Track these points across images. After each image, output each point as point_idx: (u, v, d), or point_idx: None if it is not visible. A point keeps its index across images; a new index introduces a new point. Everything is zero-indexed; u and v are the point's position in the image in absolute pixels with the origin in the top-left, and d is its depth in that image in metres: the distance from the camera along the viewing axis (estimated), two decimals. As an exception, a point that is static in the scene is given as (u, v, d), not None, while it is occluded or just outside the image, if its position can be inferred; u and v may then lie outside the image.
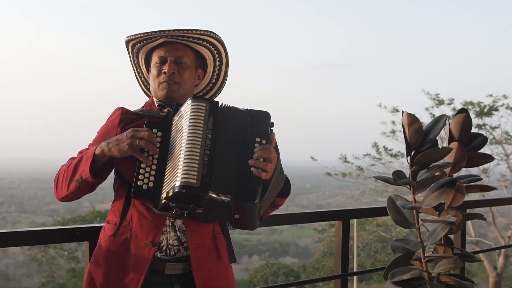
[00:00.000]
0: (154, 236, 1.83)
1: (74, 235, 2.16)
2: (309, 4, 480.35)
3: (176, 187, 1.66)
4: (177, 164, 1.70)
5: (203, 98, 1.82)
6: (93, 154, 1.79)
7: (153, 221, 1.83)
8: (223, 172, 1.71)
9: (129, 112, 1.94)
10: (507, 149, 17.52)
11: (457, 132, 2.16)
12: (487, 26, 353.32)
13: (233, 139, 1.76)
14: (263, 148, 1.74)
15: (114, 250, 1.85)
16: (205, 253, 1.88)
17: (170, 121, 1.83)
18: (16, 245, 2.32)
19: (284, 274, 21.84)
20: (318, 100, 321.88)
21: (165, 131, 1.81)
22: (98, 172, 1.82)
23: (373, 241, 20.54)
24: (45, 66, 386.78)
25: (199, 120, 1.73)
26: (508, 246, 14.56)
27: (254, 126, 1.77)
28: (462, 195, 2.11)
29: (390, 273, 2.09)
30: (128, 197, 1.85)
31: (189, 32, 1.91)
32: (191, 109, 1.74)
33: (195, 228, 1.87)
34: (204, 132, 1.72)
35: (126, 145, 1.74)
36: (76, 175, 1.80)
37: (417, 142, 2.11)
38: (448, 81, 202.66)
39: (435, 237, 2.07)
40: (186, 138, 1.71)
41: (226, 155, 1.73)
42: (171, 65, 1.91)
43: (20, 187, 62.69)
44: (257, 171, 1.71)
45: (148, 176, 1.75)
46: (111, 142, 1.78)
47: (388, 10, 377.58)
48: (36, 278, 21.59)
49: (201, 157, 1.68)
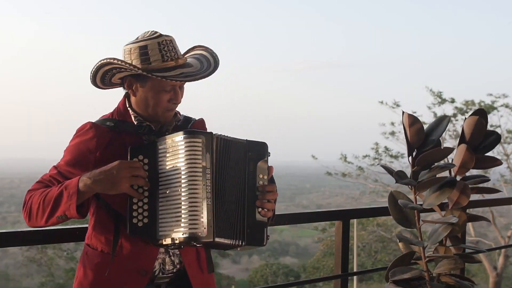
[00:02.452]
0: (147, 264, 1.77)
1: (74, 235, 2.15)
2: (309, 4, 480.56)
3: (182, 238, 1.63)
4: (179, 209, 1.64)
5: (196, 131, 1.70)
6: (77, 191, 1.66)
7: (146, 250, 1.76)
8: (228, 215, 1.69)
9: (103, 129, 1.78)
10: (507, 149, 17.54)
11: (469, 133, 2.14)
12: (487, 26, 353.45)
13: (235, 176, 1.71)
14: (269, 189, 1.74)
15: (104, 281, 1.76)
16: (195, 268, 1.86)
17: (155, 145, 1.73)
18: (16, 245, 2.32)
19: (284, 274, 21.85)
20: (318, 100, 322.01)
21: (151, 157, 1.72)
22: (83, 206, 1.72)
23: (373, 241, 20.56)
24: (45, 66, 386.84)
25: (196, 159, 1.64)
26: (508, 246, 14.55)
27: (254, 160, 1.74)
28: (466, 196, 2.11)
29: (391, 272, 2.09)
30: (116, 227, 1.76)
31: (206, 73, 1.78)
32: (186, 146, 1.65)
33: (186, 249, 1.84)
34: (203, 172, 1.64)
35: (118, 184, 1.64)
36: (58, 212, 1.68)
37: (419, 143, 2.11)
38: (448, 81, 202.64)
39: (437, 238, 2.07)
40: (185, 180, 1.64)
41: (229, 194, 1.70)
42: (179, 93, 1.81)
43: (20, 187, 62.58)
44: (264, 212, 1.73)
45: (141, 212, 1.70)
46: (98, 180, 1.65)
47: (388, 10, 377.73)
48: (36, 278, 21.58)
49: (204, 202, 1.63)
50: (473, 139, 2.14)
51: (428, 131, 2.14)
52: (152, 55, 1.73)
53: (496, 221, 17.55)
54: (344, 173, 18.92)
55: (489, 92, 17.17)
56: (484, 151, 2.17)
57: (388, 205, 2.20)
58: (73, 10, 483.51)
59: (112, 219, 1.77)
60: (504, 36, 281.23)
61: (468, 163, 2.11)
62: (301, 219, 3.07)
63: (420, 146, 2.12)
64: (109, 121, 1.82)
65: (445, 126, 2.12)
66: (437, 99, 17.46)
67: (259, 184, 1.74)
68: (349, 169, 18.86)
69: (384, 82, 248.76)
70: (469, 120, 2.15)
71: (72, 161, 1.79)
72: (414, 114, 2.16)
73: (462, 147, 2.11)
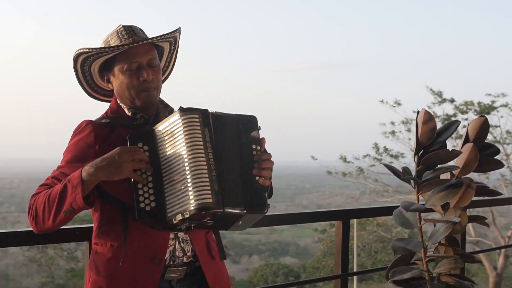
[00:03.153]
0: (160, 253, 1.77)
1: (74, 235, 2.15)
2: (309, 4, 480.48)
3: (192, 209, 1.63)
4: (185, 184, 1.65)
5: (191, 108, 1.70)
6: (81, 181, 1.64)
7: (157, 238, 1.78)
8: (230, 184, 1.70)
9: (100, 125, 1.82)
10: (507, 149, 17.54)
11: (473, 135, 2.16)
12: (487, 26, 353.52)
13: (231, 149, 1.74)
14: (265, 158, 1.74)
15: (118, 274, 1.76)
16: (206, 255, 1.88)
17: (152, 132, 1.76)
18: (16, 245, 2.31)
19: (284, 274, 21.84)
20: (318, 100, 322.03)
21: (150, 144, 1.75)
22: (88, 197, 1.70)
23: (373, 241, 20.54)
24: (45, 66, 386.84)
25: (196, 133, 1.67)
26: (508, 246, 14.56)
27: (247, 133, 1.76)
28: (470, 195, 2.11)
29: (391, 272, 2.09)
30: (124, 217, 1.76)
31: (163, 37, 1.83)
32: (184, 123, 1.67)
33: (196, 235, 1.85)
34: (204, 145, 1.67)
35: (120, 168, 1.64)
36: (65, 206, 1.65)
37: (429, 141, 2.12)
38: (448, 81, 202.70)
39: (437, 238, 2.07)
40: (188, 156, 1.65)
41: (229, 166, 1.72)
42: (150, 71, 1.80)
43: (20, 187, 62.57)
44: (262, 180, 1.73)
45: (148, 196, 1.70)
46: (100, 166, 1.64)
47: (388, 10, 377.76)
48: (36, 278, 21.58)
49: (209, 174, 1.65)
50: (477, 141, 2.15)
51: (438, 133, 2.15)
52: (111, 40, 1.82)
53: (496, 221, 17.54)
54: (344, 173, 18.92)
55: (489, 92, 17.18)
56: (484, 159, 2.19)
57: (393, 216, 2.21)
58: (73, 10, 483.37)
59: (119, 211, 1.77)
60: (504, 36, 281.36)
61: (472, 162, 2.11)
62: (301, 219, 3.07)
63: (428, 146, 2.13)
64: (104, 119, 1.86)
65: (454, 129, 2.15)
66: (437, 99, 17.47)
67: (254, 154, 1.75)
68: (349, 169, 18.86)
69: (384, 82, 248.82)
70: (474, 122, 2.18)
71: (73, 158, 1.79)
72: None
73: (468, 146, 2.13)
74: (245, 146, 1.75)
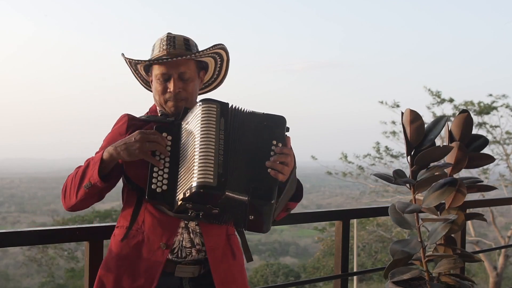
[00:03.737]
0: (167, 238, 1.81)
1: (74, 235, 2.16)
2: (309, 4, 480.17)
3: (193, 187, 1.65)
4: (192, 166, 1.69)
5: (213, 100, 1.78)
6: (101, 159, 1.76)
7: (166, 223, 1.81)
8: (239, 172, 1.71)
9: (136, 119, 1.93)
10: (507, 149, 17.54)
11: (458, 133, 2.15)
12: (486, 25, 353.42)
13: (248, 141, 1.76)
14: (281, 151, 1.74)
15: (125, 254, 1.84)
16: (221, 255, 1.88)
17: (179, 125, 1.83)
18: (16, 245, 2.32)
19: (284, 274, 21.85)
20: (317, 100, 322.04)
21: (174, 135, 1.81)
22: (107, 176, 1.79)
23: (373, 241, 20.54)
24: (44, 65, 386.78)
25: (211, 121, 1.73)
26: (508, 246, 14.56)
27: (270, 129, 1.77)
28: (462, 195, 2.11)
29: (390, 273, 2.09)
30: (139, 200, 1.84)
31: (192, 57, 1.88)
32: (202, 111, 1.74)
33: (210, 230, 1.86)
34: (216, 132, 1.72)
35: (136, 148, 1.71)
36: (85, 181, 1.78)
37: (418, 141, 2.11)
38: (448, 80, 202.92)
39: (436, 237, 2.07)
40: (200, 139, 1.70)
41: (242, 156, 1.74)
42: (176, 83, 1.87)
43: (20, 187, 62.65)
44: (274, 172, 1.71)
45: (161, 180, 1.74)
46: (119, 146, 1.75)
47: (387, 10, 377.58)
48: (36, 278, 21.60)
49: (216, 157, 1.68)
50: (462, 138, 2.14)
51: (426, 131, 2.14)
52: (154, 49, 1.93)
53: (496, 221, 17.54)
54: (345, 173, 18.92)
55: (489, 91, 17.25)
56: (474, 152, 2.18)
57: (389, 212, 2.20)
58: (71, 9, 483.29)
59: (136, 194, 1.85)
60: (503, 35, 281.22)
61: (461, 161, 2.11)
62: (301, 219, 3.07)
63: (418, 145, 2.12)
64: (142, 116, 1.96)
65: (443, 125, 2.12)
66: (436, 99, 17.46)
67: (273, 149, 1.74)
68: (350, 169, 18.86)
69: (383, 81, 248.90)
70: (457, 120, 2.16)
71: (106, 146, 1.87)
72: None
73: (454, 145, 2.12)
74: (265, 140, 1.76)
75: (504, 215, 19.34)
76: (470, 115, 2.17)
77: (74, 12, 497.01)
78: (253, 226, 1.76)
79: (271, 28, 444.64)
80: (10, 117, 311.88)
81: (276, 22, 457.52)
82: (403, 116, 2.14)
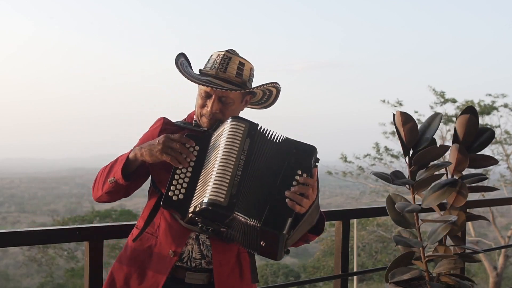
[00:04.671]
0: (177, 246, 1.83)
1: (74, 235, 2.16)
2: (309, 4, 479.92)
3: (203, 203, 1.66)
4: (208, 181, 1.70)
5: (244, 119, 1.78)
6: (127, 157, 1.82)
7: (178, 232, 1.84)
8: (254, 195, 1.70)
9: (171, 123, 1.95)
10: (507, 149, 17.53)
11: (462, 131, 2.14)
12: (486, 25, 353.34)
13: (272, 166, 1.74)
14: (304, 182, 1.70)
15: (137, 255, 1.88)
16: (229, 271, 1.87)
17: (209, 137, 1.83)
18: (16, 245, 2.31)
19: (284, 274, 21.82)
20: (318, 100, 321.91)
21: (202, 146, 1.81)
22: (130, 175, 1.84)
23: (373, 241, 20.54)
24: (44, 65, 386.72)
25: (236, 140, 1.73)
26: (508, 246, 14.54)
27: (298, 157, 1.74)
28: (464, 196, 2.10)
29: (391, 273, 2.09)
30: (157, 204, 1.87)
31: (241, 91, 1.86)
32: (230, 129, 1.75)
33: (220, 245, 1.85)
34: (239, 152, 1.72)
35: (158, 150, 1.75)
36: (110, 176, 1.84)
37: (413, 142, 2.10)
38: (448, 80, 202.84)
39: (436, 237, 2.07)
40: (221, 156, 1.71)
41: (261, 179, 1.72)
42: (214, 104, 1.86)
43: (20, 187, 62.59)
44: (291, 203, 1.68)
45: (180, 188, 1.75)
46: (144, 147, 1.79)
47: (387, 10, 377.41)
48: (36, 278, 21.58)
49: (232, 177, 1.68)
50: (467, 138, 2.13)
51: (422, 130, 2.13)
52: (208, 62, 1.91)
53: (496, 221, 17.54)
54: (345, 173, 18.91)
55: (490, 90, 17.24)
56: (479, 149, 2.16)
57: (387, 207, 2.19)
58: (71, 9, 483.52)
59: (156, 198, 1.88)
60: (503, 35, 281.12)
61: (462, 163, 2.10)
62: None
63: (415, 145, 2.11)
64: (178, 121, 1.98)
65: (438, 123, 2.11)
66: (440, 99, 17.44)
67: (296, 178, 1.71)
68: (350, 169, 18.85)
69: (384, 81, 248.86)
70: (461, 119, 2.15)
71: (139, 144, 1.91)
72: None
73: (455, 147, 2.11)
74: (289, 168, 1.73)
75: (504, 215, 19.33)
76: (476, 114, 2.15)
77: (74, 12, 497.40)
78: (266, 253, 1.75)
79: (271, 28, 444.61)
80: (10, 117, 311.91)
81: (276, 22, 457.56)
82: (395, 119, 2.12)
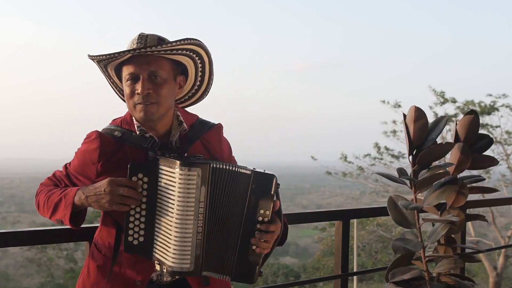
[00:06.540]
0: (143, 277, 1.77)
1: (74, 235, 2.15)
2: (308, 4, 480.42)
3: (169, 267, 1.65)
4: (168, 236, 1.64)
5: (193, 163, 1.63)
6: (72, 203, 1.73)
7: (143, 262, 1.76)
8: (219, 250, 1.67)
9: (108, 141, 1.76)
10: (507, 149, 17.53)
11: (464, 133, 2.14)
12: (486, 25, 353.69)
13: (233, 211, 1.67)
14: (270, 229, 1.66)
15: (102, 285, 1.79)
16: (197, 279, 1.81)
17: (156, 163, 1.69)
18: (16, 245, 2.31)
19: (284, 274, 21.82)
20: (318, 100, 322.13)
21: (151, 176, 1.68)
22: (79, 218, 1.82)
23: (374, 241, 20.53)
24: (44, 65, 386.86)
25: (190, 193, 1.61)
26: (508, 246, 14.55)
27: (258, 194, 1.66)
28: (464, 196, 2.11)
29: (391, 273, 2.09)
30: (118, 235, 1.78)
31: (163, 47, 1.68)
32: (180, 178, 1.61)
33: None
34: (196, 207, 1.62)
35: (106, 202, 1.66)
36: (56, 216, 1.78)
37: (421, 140, 2.10)
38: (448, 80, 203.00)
39: (435, 237, 2.07)
40: (177, 213, 1.62)
41: (224, 230, 1.67)
42: (145, 83, 1.69)
43: (20, 187, 62.53)
44: (259, 250, 1.67)
45: (138, 231, 1.70)
46: (90, 196, 1.69)
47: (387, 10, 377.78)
48: (36, 278, 21.57)
49: (194, 236, 1.63)
50: (468, 138, 2.14)
51: (428, 131, 2.14)
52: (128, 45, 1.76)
53: (496, 221, 17.53)
54: (345, 173, 18.91)
55: (490, 90, 17.24)
56: (478, 151, 2.17)
57: (388, 207, 2.20)
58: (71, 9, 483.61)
59: (115, 227, 1.79)
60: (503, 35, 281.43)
61: (464, 162, 2.11)
62: (301, 219, 3.07)
63: (420, 145, 2.11)
64: (116, 131, 1.79)
65: (443, 126, 2.12)
66: (440, 99, 17.43)
67: (259, 220, 1.67)
68: (350, 169, 18.85)
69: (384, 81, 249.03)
70: (463, 120, 2.15)
71: (78, 168, 1.83)
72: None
73: (457, 147, 2.11)
74: (251, 209, 1.66)
75: (504, 215, 19.32)
76: (478, 117, 2.16)
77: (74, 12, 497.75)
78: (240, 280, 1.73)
79: (271, 28, 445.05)
80: (10, 117, 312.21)
81: (276, 22, 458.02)
82: (408, 114, 2.12)
